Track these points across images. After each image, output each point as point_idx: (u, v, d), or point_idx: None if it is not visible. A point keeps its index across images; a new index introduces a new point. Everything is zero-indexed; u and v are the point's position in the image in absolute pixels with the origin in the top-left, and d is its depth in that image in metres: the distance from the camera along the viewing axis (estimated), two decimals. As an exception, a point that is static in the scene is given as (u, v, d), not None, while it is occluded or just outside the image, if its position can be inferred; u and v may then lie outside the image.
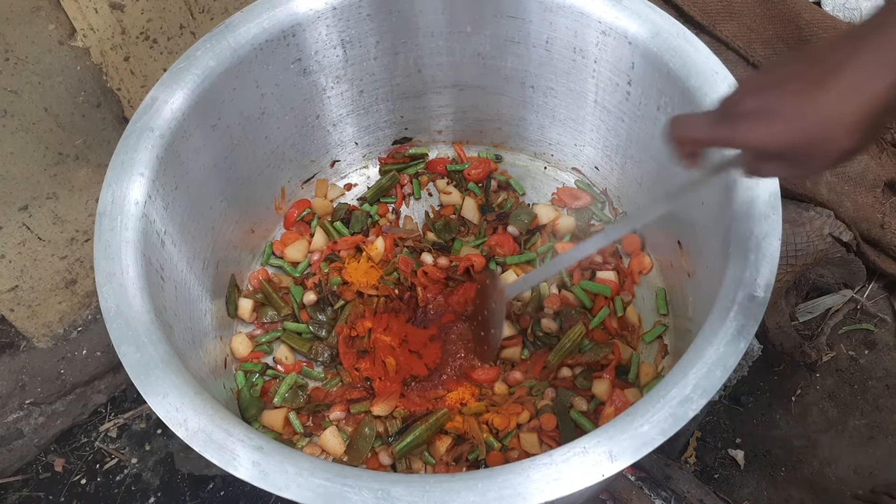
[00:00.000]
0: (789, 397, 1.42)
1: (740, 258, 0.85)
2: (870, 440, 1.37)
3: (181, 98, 1.00)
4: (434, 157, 1.38)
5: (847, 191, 1.42)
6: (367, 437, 1.08)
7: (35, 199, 1.17)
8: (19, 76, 1.04)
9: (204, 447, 0.76)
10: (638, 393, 1.09)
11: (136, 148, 0.96)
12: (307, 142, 1.26)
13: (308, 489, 0.72)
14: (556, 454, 0.73)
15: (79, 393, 1.39)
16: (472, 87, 1.28)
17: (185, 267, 1.04)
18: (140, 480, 1.38)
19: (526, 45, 1.17)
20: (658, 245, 1.21)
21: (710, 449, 1.38)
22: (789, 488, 1.34)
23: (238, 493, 1.36)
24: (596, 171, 1.30)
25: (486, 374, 1.13)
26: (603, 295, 1.19)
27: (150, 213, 0.94)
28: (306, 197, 1.33)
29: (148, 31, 1.15)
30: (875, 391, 1.42)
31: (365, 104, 1.27)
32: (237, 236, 1.20)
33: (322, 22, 1.11)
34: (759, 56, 1.52)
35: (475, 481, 0.72)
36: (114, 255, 0.88)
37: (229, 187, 1.14)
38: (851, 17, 1.54)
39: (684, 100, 1.00)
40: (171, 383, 0.80)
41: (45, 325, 1.32)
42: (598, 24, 1.07)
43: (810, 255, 1.35)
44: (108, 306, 0.85)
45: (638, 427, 0.74)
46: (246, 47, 1.05)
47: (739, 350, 0.79)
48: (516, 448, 1.08)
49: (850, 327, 1.48)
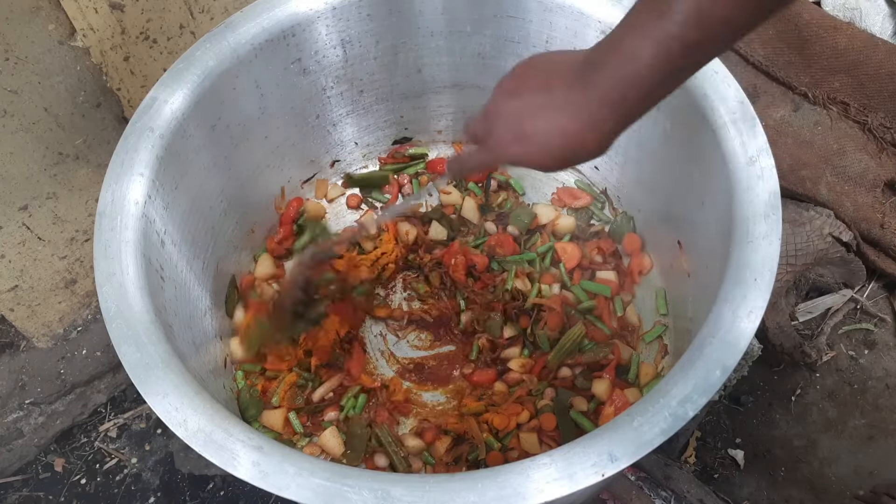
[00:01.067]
0: (789, 397, 1.42)
1: (740, 258, 0.85)
2: (870, 440, 1.37)
3: (181, 98, 1.00)
4: (434, 157, 1.38)
5: (847, 191, 1.42)
6: (360, 436, 1.08)
7: (35, 199, 1.17)
8: (19, 76, 1.04)
9: (204, 447, 0.76)
10: (638, 393, 1.09)
11: (136, 148, 0.96)
12: (307, 142, 1.26)
13: (308, 489, 0.72)
14: (556, 454, 0.73)
15: (79, 393, 1.39)
16: (472, 87, 1.28)
17: (185, 267, 1.04)
18: (140, 480, 1.38)
19: (526, 45, 1.17)
20: (658, 245, 1.21)
21: (710, 449, 1.38)
22: (789, 488, 1.34)
23: (238, 493, 1.36)
24: (596, 170, 1.30)
25: (484, 376, 1.14)
26: (603, 295, 1.19)
27: (150, 213, 0.94)
28: (308, 196, 1.33)
29: (148, 31, 1.15)
30: (875, 391, 1.42)
31: (365, 104, 1.27)
32: (237, 236, 1.20)
33: (322, 22, 1.11)
34: (759, 56, 1.52)
35: (475, 481, 0.72)
36: (114, 255, 0.88)
37: (229, 187, 1.14)
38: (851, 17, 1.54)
39: (683, 99, 1.00)
40: (170, 383, 0.80)
41: (45, 325, 1.32)
42: (598, 24, 1.07)
43: (810, 254, 1.35)
44: (107, 306, 0.85)
45: (638, 427, 0.74)
46: (246, 47, 1.05)
47: (739, 350, 0.79)
48: (516, 448, 1.08)
49: (850, 327, 1.48)
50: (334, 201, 1.35)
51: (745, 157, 0.92)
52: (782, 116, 1.48)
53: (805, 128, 1.46)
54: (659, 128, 1.08)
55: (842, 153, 1.43)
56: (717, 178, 0.95)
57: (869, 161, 1.43)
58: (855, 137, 1.45)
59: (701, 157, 0.99)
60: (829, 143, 1.44)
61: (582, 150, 0.69)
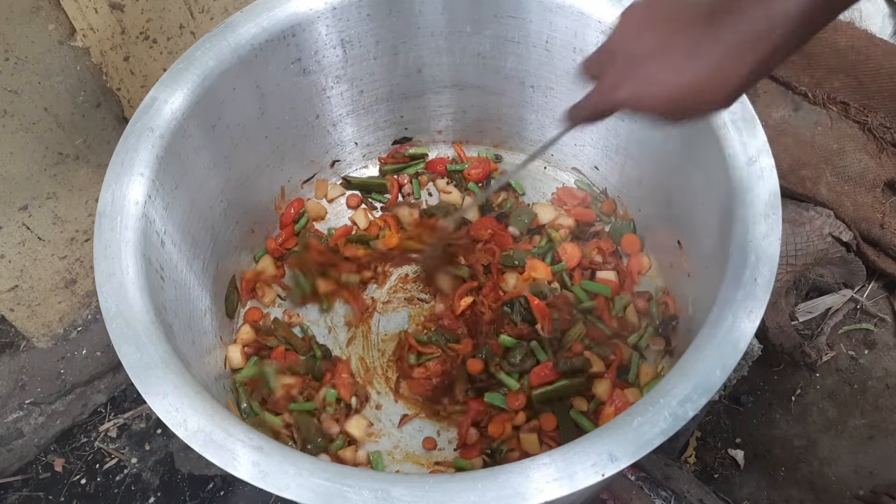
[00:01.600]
0: (789, 397, 1.42)
1: (740, 258, 0.85)
2: (870, 440, 1.37)
3: (181, 98, 1.00)
4: (434, 157, 1.38)
5: (847, 190, 1.42)
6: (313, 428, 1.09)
7: (35, 199, 1.17)
8: (19, 76, 1.04)
9: (204, 447, 0.76)
10: (638, 393, 1.09)
11: (136, 148, 0.96)
12: (307, 142, 1.26)
13: (308, 489, 0.72)
14: (556, 454, 0.73)
15: (79, 393, 1.39)
16: (471, 87, 1.28)
17: (185, 267, 1.04)
18: (140, 480, 1.38)
19: (526, 45, 1.17)
20: (658, 245, 1.21)
21: (710, 449, 1.38)
22: (789, 488, 1.34)
23: (238, 493, 1.36)
24: (596, 170, 1.30)
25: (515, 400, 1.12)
26: (603, 295, 1.19)
27: (150, 213, 0.94)
28: (308, 196, 1.33)
29: (148, 31, 1.15)
30: (875, 391, 1.42)
31: (365, 104, 1.27)
32: (237, 236, 1.20)
33: (322, 22, 1.11)
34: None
35: (475, 481, 0.72)
36: (114, 255, 0.88)
37: (229, 187, 1.14)
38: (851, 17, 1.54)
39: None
40: (170, 383, 0.80)
41: (45, 325, 1.32)
42: (598, 24, 1.07)
43: (810, 254, 1.35)
44: (107, 306, 0.85)
45: (638, 427, 0.74)
46: (246, 47, 1.05)
47: (739, 350, 0.79)
48: (516, 448, 1.08)
49: (850, 327, 1.48)
50: (334, 201, 1.35)
51: (745, 157, 0.92)
52: (782, 116, 1.48)
53: (805, 128, 1.46)
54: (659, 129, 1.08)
55: (842, 153, 1.43)
56: (717, 178, 0.95)
57: (869, 161, 1.43)
58: (855, 137, 1.45)
59: (701, 157, 0.99)
60: (829, 143, 1.44)
61: (705, 99, 0.62)
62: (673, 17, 0.64)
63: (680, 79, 0.62)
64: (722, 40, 0.60)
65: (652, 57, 0.64)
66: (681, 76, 0.62)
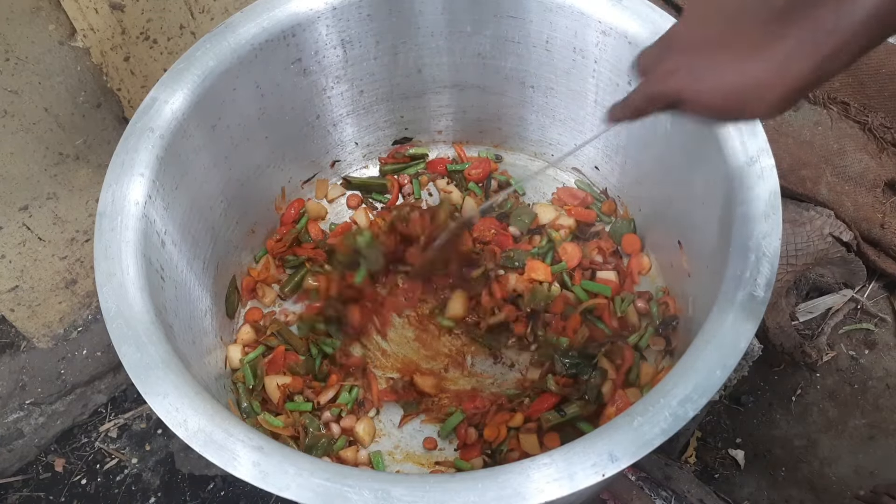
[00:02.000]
0: (789, 397, 1.42)
1: (740, 258, 0.85)
2: (870, 440, 1.37)
3: (181, 98, 1.00)
4: (434, 157, 1.38)
5: (847, 190, 1.42)
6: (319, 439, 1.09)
7: (35, 199, 1.17)
8: (19, 76, 1.04)
9: (204, 447, 0.76)
10: (638, 393, 1.09)
11: (136, 148, 0.96)
12: (307, 142, 1.26)
13: (308, 489, 0.72)
14: (556, 454, 0.73)
15: (79, 393, 1.39)
16: (472, 87, 1.28)
17: (185, 267, 1.04)
18: (140, 480, 1.38)
19: (526, 45, 1.17)
20: (658, 245, 1.21)
21: (710, 449, 1.38)
22: (789, 488, 1.34)
23: (238, 493, 1.36)
24: (596, 170, 1.30)
25: None
26: (603, 295, 1.19)
27: (150, 213, 0.94)
28: (308, 197, 1.33)
29: (148, 31, 1.15)
30: (875, 391, 1.42)
31: (365, 104, 1.27)
32: (237, 236, 1.20)
33: (322, 22, 1.11)
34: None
35: (475, 481, 0.72)
36: (114, 256, 0.88)
37: (229, 187, 1.14)
38: (851, 17, 1.53)
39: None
40: (171, 383, 0.80)
41: (46, 325, 1.32)
42: (598, 24, 1.07)
43: (810, 254, 1.35)
44: (108, 306, 0.85)
45: (638, 427, 0.74)
46: (246, 47, 1.05)
47: (739, 350, 0.79)
48: (516, 448, 1.08)
49: (850, 327, 1.48)
50: (334, 201, 1.35)
51: (745, 156, 0.92)
52: (782, 116, 1.48)
53: (805, 127, 1.46)
54: (659, 128, 1.08)
55: (842, 153, 1.43)
56: (717, 178, 0.95)
57: (869, 161, 1.43)
58: (855, 137, 1.45)
59: (701, 157, 0.99)
60: (830, 142, 1.44)
61: (761, 99, 0.59)
62: (742, 9, 0.61)
63: (741, 75, 0.60)
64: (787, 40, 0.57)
65: (716, 48, 0.62)
66: (742, 72, 0.60)
